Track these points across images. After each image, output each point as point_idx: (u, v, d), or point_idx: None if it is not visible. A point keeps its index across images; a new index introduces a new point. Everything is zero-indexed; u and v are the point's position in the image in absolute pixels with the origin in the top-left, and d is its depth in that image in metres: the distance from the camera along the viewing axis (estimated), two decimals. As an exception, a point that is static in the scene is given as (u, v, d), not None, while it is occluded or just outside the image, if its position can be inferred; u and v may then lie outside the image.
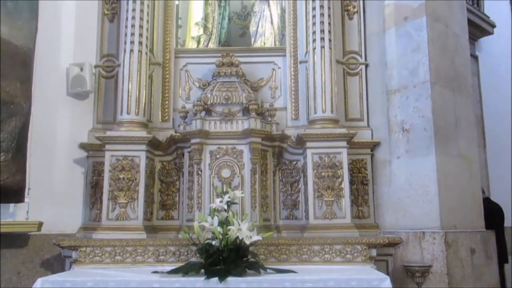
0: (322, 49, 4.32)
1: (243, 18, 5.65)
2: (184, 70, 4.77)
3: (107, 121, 4.59)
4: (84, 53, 4.59)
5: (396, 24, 4.44)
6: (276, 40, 5.00)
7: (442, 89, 4.27)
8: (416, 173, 4.14)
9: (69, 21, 4.57)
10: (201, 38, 5.03)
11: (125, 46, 4.33)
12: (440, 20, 4.39)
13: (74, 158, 4.47)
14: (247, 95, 4.39)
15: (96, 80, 4.63)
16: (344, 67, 4.68)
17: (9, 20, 3.50)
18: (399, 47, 4.41)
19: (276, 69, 4.76)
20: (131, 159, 4.12)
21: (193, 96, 4.66)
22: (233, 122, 4.32)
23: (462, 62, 4.61)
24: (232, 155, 4.28)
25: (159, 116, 4.59)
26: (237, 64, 4.54)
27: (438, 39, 4.33)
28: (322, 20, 4.36)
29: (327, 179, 4.08)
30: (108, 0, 4.77)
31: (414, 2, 4.33)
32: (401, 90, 4.37)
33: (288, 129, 4.51)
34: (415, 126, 4.22)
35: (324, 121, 4.21)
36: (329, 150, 4.14)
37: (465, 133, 4.45)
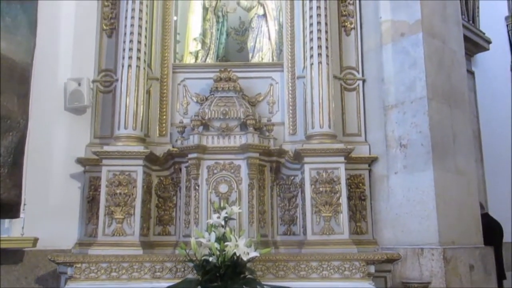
0: (320, 65, 4.33)
1: (241, 33, 5.68)
2: (182, 85, 4.78)
3: (104, 136, 4.58)
4: (82, 68, 4.60)
5: (393, 40, 4.47)
6: (274, 56, 5.02)
7: (439, 104, 4.29)
8: (414, 189, 4.14)
9: (68, 36, 4.59)
10: (199, 53, 5.05)
11: (123, 61, 4.34)
12: (436, 36, 4.42)
13: (70, 173, 4.45)
14: (244, 110, 4.40)
15: (94, 95, 4.64)
16: (342, 83, 4.70)
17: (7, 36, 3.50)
18: (396, 63, 4.44)
19: (274, 84, 4.77)
20: (128, 174, 4.11)
21: (191, 111, 4.66)
22: (231, 137, 4.31)
23: (459, 78, 4.64)
24: (230, 170, 4.26)
25: (157, 130, 4.58)
26: (235, 79, 4.56)
27: (434, 55, 4.36)
28: (319, 36, 4.38)
29: (324, 194, 4.07)
30: (106, 16, 4.79)
31: (410, 19, 4.36)
32: (398, 106, 4.38)
33: (286, 144, 4.50)
34: (413, 141, 4.22)
35: (321, 136, 4.21)
36: (326, 166, 4.13)
37: (462, 149, 4.45)
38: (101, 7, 4.81)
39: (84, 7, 4.73)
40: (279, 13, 5.06)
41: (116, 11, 4.78)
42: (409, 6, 4.39)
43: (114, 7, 4.80)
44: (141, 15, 4.39)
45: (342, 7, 4.84)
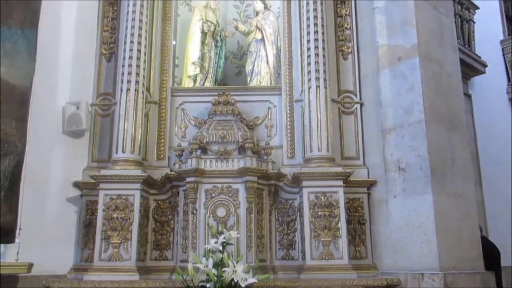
0: (318, 89, 4.36)
1: (239, 57, 5.74)
2: (180, 108, 4.79)
3: (102, 159, 4.57)
4: (81, 92, 4.62)
5: (390, 64, 4.51)
6: (272, 79, 5.05)
7: (437, 128, 4.30)
8: (413, 213, 4.11)
9: (67, 60, 4.61)
10: (197, 77, 5.08)
11: (121, 85, 4.37)
12: (433, 60, 4.46)
13: (67, 197, 4.42)
14: (243, 133, 4.40)
15: (92, 119, 4.64)
16: (340, 106, 4.72)
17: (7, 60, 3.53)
18: (393, 86, 4.46)
19: (272, 107, 4.79)
20: (125, 198, 4.08)
21: (189, 134, 4.67)
22: (229, 161, 4.31)
23: (456, 101, 4.66)
24: (228, 194, 4.24)
25: (155, 154, 4.57)
26: (233, 103, 4.57)
27: (431, 79, 4.39)
28: (317, 60, 4.42)
29: (323, 218, 4.04)
30: (106, 40, 4.84)
31: (407, 43, 4.41)
32: (397, 129, 4.38)
33: (284, 168, 4.49)
34: (411, 165, 4.21)
35: (320, 159, 4.20)
36: (325, 189, 4.12)
37: (461, 172, 4.44)
38: (100, 32, 4.86)
39: (83, 32, 4.77)
40: (277, 38, 5.11)
41: (115, 36, 4.82)
42: (406, 31, 4.44)
43: (114, 32, 4.84)
44: (140, 40, 4.44)
45: (339, 32, 4.89)
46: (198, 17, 5.14)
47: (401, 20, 4.47)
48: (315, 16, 4.52)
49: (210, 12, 5.25)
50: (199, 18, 5.14)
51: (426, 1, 4.53)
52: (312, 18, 4.52)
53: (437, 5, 4.66)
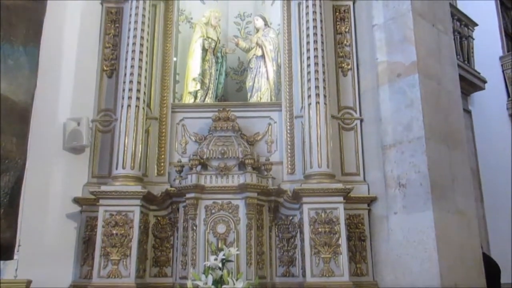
0: (318, 105, 4.38)
1: (240, 73, 5.78)
2: (181, 124, 4.81)
3: (102, 175, 4.56)
4: (82, 108, 4.63)
5: (390, 81, 4.53)
6: (272, 95, 5.08)
7: (437, 144, 4.30)
8: (414, 229, 4.08)
9: (68, 77, 4.64)
10: (198, 93, 5.11)
11: (122, 101, 4.40)
12: (432, 77, 4.48)
13: (67, 213, 4.40)
14: (243, 149, 4.41)
15: (93, 135, 4.65)
16: (340, 122, 4.73)
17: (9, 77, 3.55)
18: (393, 103, 4.47)
19: (272, 123, 4.81)
20: (125, 214, 4.08)
21: (189, 150, 4.67)
22: (229, 177, 4.31)
23: (456, 118, 4.66)
24: (228, 210, 4.24)
25: (155, 170, 4.58)
26: (233, 119, 4.59)
27: (431, 95, 4.40)
28: (317, 77, 4.45)
29: (324, 235, 4.02)
30: (107, 57, 4.87)
31: (406, 60, 4.43)
32: (397, 145, 4.38)
33: (284, 184, 4.49)
34: (412, 181, 4.20)
35: (320, 176, 4.20)
36: (325, 206, 4.11)
37: (461, 189, 4.42)
38: (102, 49, 4.89)
39: (85, 49, 4.80)
40: (277, 54, 5.15)
41: (116, 53, 4.86)
42: (405, 48, 4.46)
43: (115, 48, 4.88)
44: (141, 56, 4.47)
45: (339, 49, 4.93)
46: (199, 34, 5.20)
47: (400, 37, 4.50)
48: (315, 33, 4.56)
49: (211, 29, 5.30)
50: (200, 35, 5.20)
51: (424, 19, 4.56)
52: (312, 35, 4.56)
53: (436, 23, 4.70)
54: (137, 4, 4.60)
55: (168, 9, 5.03)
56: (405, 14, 4.49)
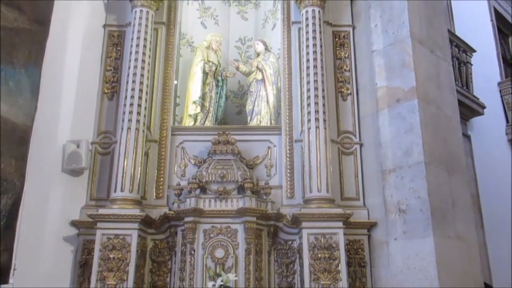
0: (317, 129, 4.39)
1: (240, 96, 5.81)
2: (181, 147, 4.80)
3: (100, 198, 4.53)
4: (82, 130, 4.63)
5: (389, 106, 4.55)
6: (272, 119, 5.09)
7: (436, 170, 4.29)
8: (414, 256, 4.04)
9: (69, 99, 4.65)
10: (198, 116, 5.13)
11: (122, 124, 4.41)
12: (431, 102, 4.50)
13: (64, 235, 4.35)
14: (242, 173, 4.39)
15: (92, 157, 4.64)
16: (339, 147, 4.73)
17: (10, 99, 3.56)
18: (392, 128, 4.48)
19: (272, 147, 4.80)
20: (123, 238, 4.04)
21: (189, 173, 4.66)
22: (228, 201, 4.29)
23: (455, 143, 4.67)
24: (226, 234, 4.20)
25: (154, 193, 4.55)
26: (233, 142, 4.59)
27: (430, 120, 4.42)
28: (316, 101, 4.47)
29: (323, 261, 3.98)
30: (108, 79, 4.90)
31: (405, 85, 4.46)
32: (396, 170, 4.38)
33: (284, 208, 4.46)
34: (412, 207, 4.18)
35: (319, 200, 4.18)
36: (325, 231, 4.07)
37: (462, 214, 4.40)
38: (103, 72, 4.93)
39: (87, 71, 4.83)
40: (277, 78, 5.19)
41: (118, 75, 4.89)
42: (404, 73, 4.50)
43: (116, 71, 4.91)
44: (142, 79, 4.50)
45: (339, 74, 4.97)
46: (200, 58, 5.24)
47: (400, 63, 4.54)
48: (315, 58, 4.59)
49: (212, 52, 5.35)
50: (201, 58, 5.24)
51: (423, 45, 4.61)
52: (312, 60, 4.59)
53: (435, 49, 4.75)
54: (139, 28, 4.65)
55: (170, 33, 5.08)
56: (404, 40, 4.54)
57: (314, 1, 4.76)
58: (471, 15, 8.35)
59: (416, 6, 4.73)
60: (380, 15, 4.84)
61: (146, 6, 4.73)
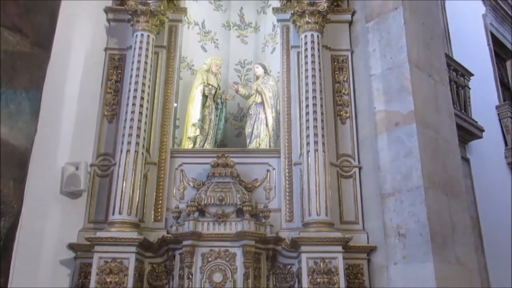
0: (316, 152, 4.39)
1: (239, 119, 5.84)
2: (180, 169, 4.80)
3: (98, 221, 4.49)
4: (81, 152, 4.63)
5: (388, 129, 4.56)
6: (271, 142, 5.10)
7: (436, 194, 4.28)
8: (414, 281, 3.99)
9: (69, 121, 4.66)
10: (197, 138, 5.14)
11: (122, 146, 4.41)
12: (429, 126, 4.51)
13: (61, 259, 4.30)
14: (241, 196, 4.38)
15: (91, 179, 4.62)
16: (338, 170, 4.73)
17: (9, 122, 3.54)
18: (391, 151, 4.49)
19: (271, 170, 4.80)
20: (120, 261, 4.00)
21: (187, 195, 4.64)
22: (227, 224, 4.27)
23: (454, 167, 4.67)
24: (225, 258, 4.17)
25: (152, 216, 4.53)
26: (232, 165, 4.59)
27: (429, 144, 4.42)
28: (315, 125, 4.48)
29: (322, 286, 3.94)
30: (108, 102, 4.92)
31: (404, 109, 4.48)
32: (395, 194, 4.36)
33: (283, 231, 4.43)
34: (411, 231, 4.15)
35: (318, 224, 4.16)
36: (324, 255, 4.04)
37: (462, 239, 4.36)
38: (104, 94, 4.95)
39: (87, 94, 4.86)
40: (276, 101, 5.22)
41: (118, 98, 4.91)
42: (402, 98, 4.52)
43: (117, 94, 4.94)
44: (142, 102, 4.53)
45: (338, 97, 5.00)
46: (199, 81, 5.28)
47: (398, 87, 4.57)
48: (314, 82, 4.64)
49: (212, 76, 5.40)
50: (200, 81, 5.28)
51: (421, 69, 4.65)
52: (311, 84, 4.64)
53: (432, 73, 4.79)
54: (139, 51, 4.70)
55: (170, 56, 5.13)
56: (402, 65, 4.58)
57: (313, 26, 4.83)
58: (468, 39, 8.46)
59: (414, 31, 4.79)
60: (378, 39, 4.89)
61: (147, 30, 4.80)
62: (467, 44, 8.27)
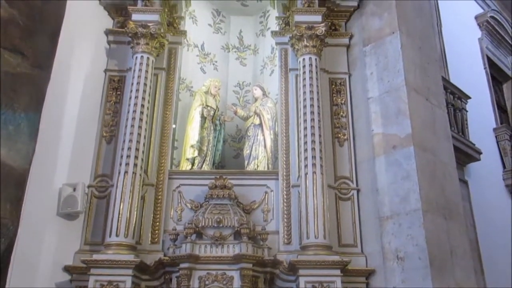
0: (314, 175, 4.39)
1: (238, 140, 5.85)
2: (177, 191, 4.78)
3: (95, 242, 4.46)
4: (79, 173, 4.61)
5: (385, 152, 4.58)
6: (269, 163, 5.10)
7: (434, 217, 4.27)
8: (413, 305, 3.96)
9: (68, 142, 4.65)
10: (195, 159, 5.14)
11: (120, 168, 4.41)
12: (427, 149, 4.54)
13: (56, 281, 4.25)
14: (239, 218, 4.36)
15: (88, 200, 4.60)
16: (336, 192, 4.72)
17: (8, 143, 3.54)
18: (389, 174, 4.50)
19: (269, 192, 4.79)
20: (116, 284, 3.95)
21: (185, 217, 4.62)
22: (224, 246, 4.24)
23: (452, 190, 4.67)
24: (222, 282, 4.13)
25: (149, 238, 4.49)
26: (230, 187, 4.58)
27: (426, 167, 4.44)
28: (313, 147, 4.50)
29: (321, 309, 3.89)
30: (107, 123, 4.94)
31: (401, 132, 4.50)
32: (394, 217, 4.35)
33: (280, 254, 4.40)
34: (410, 254, 4.13)
35: (316, 247, 4.14)
36: (322, 279, 4.01)
37: (461, 262, 4.34)
38: (103, 115, 4.97)
39: (86, 114, 4.87)
40: (274, 123, 5.24)
41: (117, 119, 4.93)
42: (400, 121, 4.55)
43: (116, 115, 4.96)
44: (140, 123, 4.54)
45: (335, 119, 5.03)
46: (198, 102, 5.31)
47: (395, 110, 4.60)
48: (312, 104, 4.67)
49: (211, 97, 5.43)
50: (199, 103, 5.31)
51: (418, 93, 4.70)
52: (309, 106, 4.66)
53: (429, 97, 4.83)
54: (139, 73, 4.74)
55: (170, 78, 5.17)
56: (399, 89, 4.63)
57: (311, 49, 4.89)
58: (465, 63, 8.55)
59: (411, 55, 4.86)
60: (375, 63, 4.95)
61: (147, 52, 4.84)
62: (464, 68, 8.35)
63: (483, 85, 9.12)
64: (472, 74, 8.80)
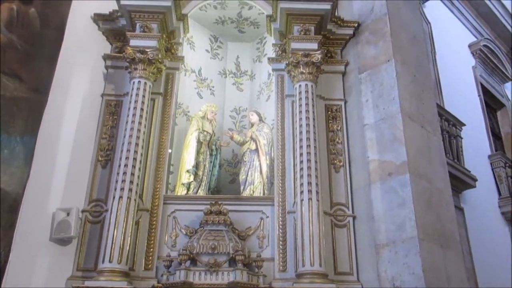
0: (310, 201, 4.38)
1: (233, 165, 5.84)
2: (172, 216, 4.74)
3: (87, 269, 4.38)
4: (73, 198, 4.57)
5: (381, 179, 4.58)
6: (265, 189, 5.09)
7: (430, 245, 4.24)
8: (411, 338, 3.90)
9: (63, 166, 4.62)
10: (191, 184, 5.12)
11: (114, 193, 4.38)
12: (422, 176, 4.54)
13: (46, 309, 4.18)
14: (234, 245, 4.32)
15: (82, 225, 4.55)
16: (332, 219, 4.70)
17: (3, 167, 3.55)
18: (385, 201, 4.49)
19: (264, 218, 4.76)
20: (108, 312, 3.88)
21: (179, 243, 4.57)
22: (219, 274, 4.18)
23: (448, 217, 4.66)
24: (216, 309, 4.06)
25: (142, 264, 4.43)
26: (225, 213, 4.55)
27: (422, 195, 4.43)
28: (309, 173, 4.49)
29: None
30: (103, 147, 4.93)
31: (397, 160, 4.52)
32: (390, 245, 4.32)
33: (276, 282, 4.35)
34: (407, 283, 4.08)
35: (312, 275, 4.09)
36: (318, 307, 3.95)
37: (457, 291, 4.30)
38: (99, 139, 4.96)
39: (82, 138, 4.85)
40: (270, 149, 5.24)
41: (113, 144, 4.92)
42: (395, 148, 4.57)
43: (112, 139, 4.95)
44: (136, 148, 4.53)
45: (331, 146, 5.04)
46: (195, 127, 5.32)
47: (391, 137, 4.63)
48: (308, 130, 4.68)
49: (207, 122, 5.45)
50: (196, 128, 5.32)
51: (413, 120, 4.73)
52: (305, 132, 4.68)
53: (424, 124, 4.87)
54: (136, 98, 4.75)
55: (166, 103, 5.18)
56: (394, 116, 4.66)
57: (307, 76, 4.93)
58: (459, 90, 8.65)
59: (406, 83, 4.91)
60: (371, 90, 5.00)
61: (145, 77, 4.87)
62: (458, 95, 8.45)
63: (478, 112, 9.22)
64: (467, 101, 8.90)
